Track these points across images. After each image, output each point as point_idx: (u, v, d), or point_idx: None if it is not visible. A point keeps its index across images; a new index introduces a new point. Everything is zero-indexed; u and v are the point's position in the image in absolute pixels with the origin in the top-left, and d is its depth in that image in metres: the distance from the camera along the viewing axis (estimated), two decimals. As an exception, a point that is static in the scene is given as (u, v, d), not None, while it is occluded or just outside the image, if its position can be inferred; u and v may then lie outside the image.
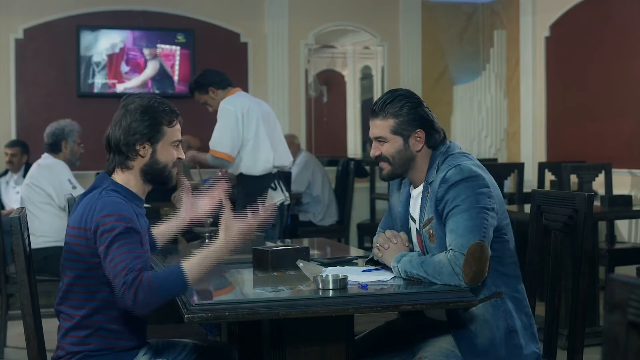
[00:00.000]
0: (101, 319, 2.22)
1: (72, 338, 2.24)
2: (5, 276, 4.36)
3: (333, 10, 7.46)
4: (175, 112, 2.36)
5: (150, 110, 2.31)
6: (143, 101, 2.33)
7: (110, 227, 2.13)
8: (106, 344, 2.23)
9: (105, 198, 2.22)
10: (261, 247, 2.69)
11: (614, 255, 4.86)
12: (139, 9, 7.00)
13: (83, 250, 2.20)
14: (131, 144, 2.29)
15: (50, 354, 2.34)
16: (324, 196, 6.56)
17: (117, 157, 2.32)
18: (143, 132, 2.28)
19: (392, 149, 2.41)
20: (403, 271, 2.31)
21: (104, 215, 2.15)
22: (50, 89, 6.81)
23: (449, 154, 2.40)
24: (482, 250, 2.23)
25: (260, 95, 7.15)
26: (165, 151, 2.33)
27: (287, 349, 2.19)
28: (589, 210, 2.47)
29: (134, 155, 2.30)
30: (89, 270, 2.21)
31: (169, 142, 2.33)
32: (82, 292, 2.23)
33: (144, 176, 2.33)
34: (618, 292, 0.97)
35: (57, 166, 4.61)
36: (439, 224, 2.33)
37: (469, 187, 2.28)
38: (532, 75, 7.11)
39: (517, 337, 2.35)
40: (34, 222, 4.44)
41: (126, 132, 2.29)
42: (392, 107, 2.39)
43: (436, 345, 2.35)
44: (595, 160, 6.00)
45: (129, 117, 2.29)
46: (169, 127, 2.33)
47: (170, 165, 2.35)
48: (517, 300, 2.39)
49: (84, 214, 2.21)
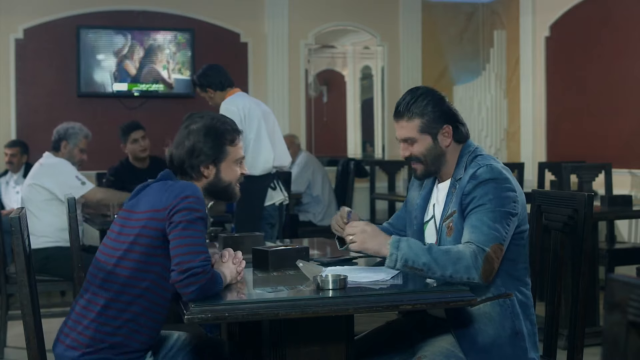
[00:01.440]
0: (136, 310, 2.21)
1: (104, 326, 2.20)
2: (5, 276, 4.35)
3: (333, 10, 7.46)
4: (238, 131, 2.39)
5: (213, 130, 2.33)
6: (205, 121, 2.35)
7: (196, 207, 2.15)
8: (130, 337, 2.21)
9: (185, 182, 2.25)
10: (261, 247, 2.69)
11: (614, 255, 4.86)
12: (139, 9, 7.00)
13: (150, 232, 2.19)
14: (195, 166, 2.32)
15: (50, 354, 2.33)
16: (324, 196, 6.56)
17: (180, 177, 2.34)
18: (207, 153, 2.31)
19: (423, 148, 2.42)
20: (403, 259, 2.19)
21: (187, 196, 2.16)
22: (50, 89, 6.81)
23: (477, 154, 2.41)
24: (500, 253, 2.25)
25: (261, 95, 7.16)
26: (229, 169, 2.36)
27: (287, 349, 2.19)
28: (589, 210, 2.47)
29: (198, 176, 2.33)
30: (144, 255, 2.19)
31: (232, 160, 2.36)
32: (130, 276, 2.20)
33: (208, 192, 2.36)
34: (618, 292, 0.97)
35: (61, 164, 4.58)
36: (459, 218, 2.33)
37: (497, 188, 2.29)
38: (532, 75, 7.11)
39: (523, 340, 2.35)
40: (35, 222, 4.44)
41: (190, 154, 2.31)
42: (416, 106, 2.40)
43: (436, 345, 2.35)
44: (595, 160, 6.00)
45: (193, 138, 2.32)
46: (231, 147, 2.36)
47: (234, 183, 2.39)
48: (524, 305, 2.39)
49: (159, 197, 2.20)
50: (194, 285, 2.07)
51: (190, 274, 2.07)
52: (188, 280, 2.07)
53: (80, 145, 4.71)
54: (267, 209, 4.49)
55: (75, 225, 2.81)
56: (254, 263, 2.62)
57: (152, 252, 2.20)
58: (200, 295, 2.08)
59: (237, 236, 3.04)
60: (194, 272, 2.07)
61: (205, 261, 2.11)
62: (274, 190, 4.52)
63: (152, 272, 2.21)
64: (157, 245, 2.19)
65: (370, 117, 7.94)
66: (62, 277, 4.42)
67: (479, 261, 2.20)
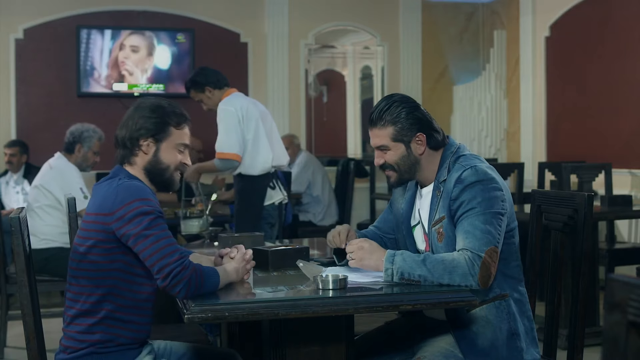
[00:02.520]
0: (108, 307, 2.23)
1: (78, 326, 2.24)
2: (5, 276, 4.35)
3: (333, 10, 7.46)
4: (185, 116, 2.37)
5: (160, 109, 2.33)
6: (154, 101, 2.36)
7: (146, 210, 2.15)
8: (111, 334, 2.23)
9: (129, 183, 2.24)
10: (261, 247, 2.69)
11: (614, 255, 4.86)
12: (139, 9, 7.00)
13: (99, 235, 2.21)
14: (135, 139, 2.30)
15: (50, 354, 2.34)
16: (324, 196, 6.56)
17: (122, 151, 2.33)
18: (148, 127, 2.30)
19: (396, 157, 2.40)
20: (399, 273, 2.22)
21: (134, 200, 2.16)
22: (50, 89, 6.82)
23: (459, 154, 2.40)
24: (496, 255, 2.25)
25: (261, 95, 7.16)
26: (169, 152, 2.33)
27: (287, 349, 2.19)
28: (589, 210, 2.47)
29: (137, 150, 2.31)
30: (102, 255, 2.21)
31: (174, 143, 2.34)
32: (92, 277, 2.23)
33: (148, 175, 2.33)
34: (618, 292, 0.97)
35: (70, 173, 4.56)
36: (449, 224, 2.32)
37: (484, 189, 2.28)
38: (532, 75, 7.11)
39: (518, 341, 2.34)
40: (38, 223, 4.44)
41: (132, 127, 2.30)
42: (389, 114, 2.38)
43: (436, 345, 2.35)
44: (595, 160, 6.00)
45: (137, 115, 2.32)
46: (176, 129, 2.34)
47: (172, 168, 2.35)
48: (520, 303, 2.39)
49: (104, 200, 2.21)
50: (179, 285, 2.10)
51: (172, 275, 2.10)
52: (172, 282, 2.10)
53: (94, 148, 4.73)
54: (267, 208, 4.49)
55: (75, 226, 2.81)
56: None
57: (107, 252, 2.21)
58: (191, 290, 2.10)
59: (237, 236, 3.04)
60: (175, 272, 2.10)
61: (180, 258, 2.12)
62: (273, 189, 4.52)
63: (114, 270, 2.22)
64: (111, 245, 2.20)
65: (370, 117, 7.93)
66: (62, 277, 4.42)
67: (476, 268, 2.20)
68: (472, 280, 2.20)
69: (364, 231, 2.66)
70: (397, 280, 2.23)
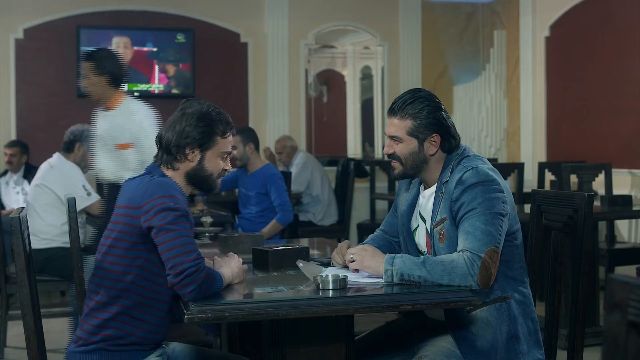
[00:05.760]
0: (125, 303, 2.24)
1: (94, 319, 2.25)
2: (5, 276, 4.35)
3: (333, 10, 7.46)
4: (231, 125, 2.39)
5: (207, 117, 2.33)
6: (202, 107, 2.35)
7: (172, 206, 2.17)
8: (124, 331, 2.24)
9: (160, 179, 2.25)
10: (261, 247, 2.69)
11: (614, 255, 4.86)
12: (139, 9, 7.00)
13: (125, 228, 2.22)
14: (181, 147, 2.31)
15: (50, 354, 2.33)
16: (324, 196, 6.56)
17: (165, 156, 2.34)
18: (196, 137, 2.31)
19: (406, 150, 2.40)
20: (399, 274, 2.23)
21: (162, 196, 2.18)
22: (50, 89, 6.82)
23: (463, 155, 2.40)
24: (497, 256, 2.25)
25: (261, 95, 7.17)
26: (213, 160, 2.35)
27: (287, 349, 2.19)
28: (589, 210, 2.47)
29: (182, 158, 2.33)
30: (125, 250, 2.23)
31: (218, 152, 2.36)
32: (113, 270, 2.24)
33: (189, 180, 2.36)
34: (618, 292, 0.97)
35: (71, 171, 4.56)
36: (451, 225, 2.32)
37: (485, 190, 2.28)
38: (532, 75, 7.11)
39: (517, 344, 2.34)
40: (38, 222, 4.44)
41: (179, 135, 2.31)
42: (411, 108, 2.38)
43: (436, 344, 2.35)
44: (595, 160, 6.00)
45: (185, 121, 2.32)
46: (221, 138, 2.35)
47: (215, 175, 2.38)
48: (523, 305, 2.38)
49: (134, 195, 2.23)
50: (191, 285, 2.09)
51: (185, 274, 2.10)
52: (184, 281, 2.10)
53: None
54: None
55: (75, 226, 2.81)
56: (254, 263, 2.62)
57: (131, 246, 2.23)
58: (200, 293, 2.10)
59: (237, 236, 3.04)
60: (189, 272, 2.10)
61: (197, 259, 2.13)
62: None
63: (135, 266, 2.23)
64: (135, 240, 2.22)
65: (370, 117, 7.94)
66: (62, 277, 4.42)
67: (475, 268, 2.20)
68: (471, 281, 2.20)
69: (373, 236, 2.67)
70: (397, 282, 2.23)
